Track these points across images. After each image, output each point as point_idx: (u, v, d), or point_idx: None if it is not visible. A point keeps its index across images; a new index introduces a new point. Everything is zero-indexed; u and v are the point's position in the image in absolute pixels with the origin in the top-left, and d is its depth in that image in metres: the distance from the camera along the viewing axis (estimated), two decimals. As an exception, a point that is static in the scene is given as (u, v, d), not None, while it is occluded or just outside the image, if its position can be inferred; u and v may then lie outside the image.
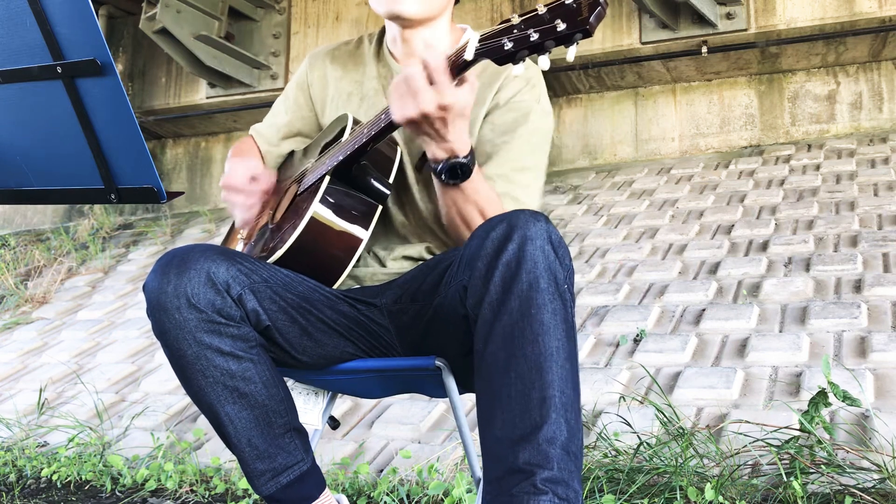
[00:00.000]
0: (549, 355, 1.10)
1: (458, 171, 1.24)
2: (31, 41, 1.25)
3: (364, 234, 1.38)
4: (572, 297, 1.17)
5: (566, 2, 1.06)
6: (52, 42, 1.23)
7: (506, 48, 1.10)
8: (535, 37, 1.08)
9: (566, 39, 1.07)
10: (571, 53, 1.08)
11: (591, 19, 1.04)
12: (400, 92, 1.18)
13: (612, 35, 5.03)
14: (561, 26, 1.06)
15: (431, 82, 1.15)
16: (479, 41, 1.12)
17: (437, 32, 1.47)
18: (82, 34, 1.21)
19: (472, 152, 1.25)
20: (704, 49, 4.84)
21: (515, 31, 1.09)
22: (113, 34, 6.36)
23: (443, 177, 1.25)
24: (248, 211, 1.48)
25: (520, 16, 1.10)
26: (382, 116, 1.30)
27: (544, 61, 1.10)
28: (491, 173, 1.37)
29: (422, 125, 1.19)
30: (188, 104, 6.08)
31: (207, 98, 5.96)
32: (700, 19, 4.75)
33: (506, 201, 1.37)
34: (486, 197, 1.31)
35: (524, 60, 1.12)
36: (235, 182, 1.47)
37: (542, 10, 1.08)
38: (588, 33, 1.05)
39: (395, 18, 1.43)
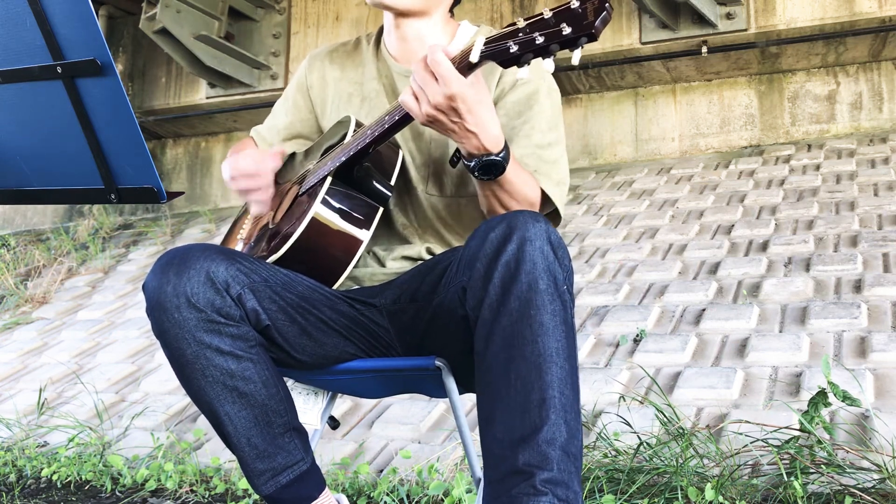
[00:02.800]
0: (548, 356, 1.10)
1: (490, 169, 1.25)
2: (31, 41, 1.25)
3: (365, 236, 1.38)
4: (572, 297, 1.17)
5: (572, 6, 1.06)
6: (52, 42, 1.23)
7: (511, 51, 1.10)
8: (540, 40, 1.08)
9: (571, 43, 1.07)
10: (576, 57, 1.08)
11: (597, 24, 1.04)
12: (412, 89, 1.19)
13: (612, 35, 5.03)
14: (566, 30, 1.06)
15: (436, 77, 1.15)
16: (485, 43, 1.13)
17: (431, 27, 1.47)
18: (82, 34, 1.20)
19: (506, 148, 1.25)
20: (704, 49, 4.83)
21: (521, 34, 1.09)
22: (113, 34, 6.36)
23: (476, 173, 1.25)
24: (265, 193, 1.44)
25: (525, 19, 1.10)
26: (386, 118, 1.30)
27: (549, 64, 1.10)
28: (516, 155, 1.38)
29: (440, 120, 1.19)
30: (188, 104, 6.08)
31: (207, 98, 5.96)
32: (700, 19, 4.75)
33: (543, 181, 1.38)
34: (524, 181, 1.31)
35: (528, 63, 1.12)
36: (247, 167, 1.43)
37: (547, 14, 1.08)
38: (593, 38, 1.06)
39: (384, 8, 1.43)
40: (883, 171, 4.20)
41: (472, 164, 1.24)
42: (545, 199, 1.39)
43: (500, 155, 1.24)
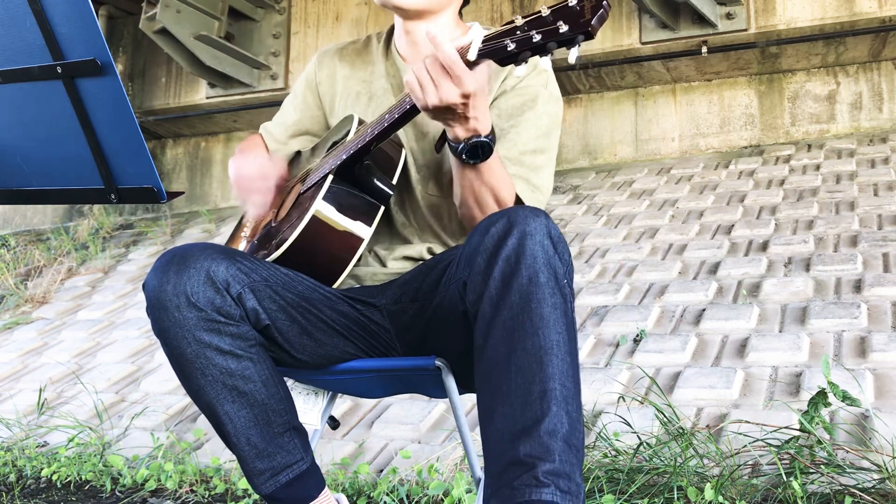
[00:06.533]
0: (549, 348, 1.10)
1: (478, 151, 1.24)
2: (31, 41, 1.25)
3: (366, 234, 1.38)
4: (572, 291, 1.17)
5: (569, 4, 1.06)
6: (52, 42, 1.23)
7: (508, 49, 1.10)
8: (537, 38, 1.08)
9: (568, 41, 1.07)
10: (573, 55, 1.08)
11: (594, 22, 1.04)
12: (422, 82, 1.18)
13: (613, 35, 5.03)
14: (563, 28, 1.06)
15: (450, 75, 1.15)
16: (483, 41, 1.13)
17: (442, 28, 1.48)
18: (82, 34, 1.21)
19: (493, 131, 1.25)
20: (704, 49, 4.84)
21: (518, 32, 1.10)
22: (113, 34, 6.36)
23: (463, 156, 1.25)
24: (262, 207, 1.46)
25: (523, 17, 1.10)
26: (386, 116, 1.30)
27: (546, 62, 1.11)
28: (501, 157, 1.38)
29: (445, 113, 1.20)
30: (188, 104, 6.08)
31: (207, 98, 5.96)
32: (700, 19, 4.75)
33: (518, 184, 1.37)
34: (501, 178, 1.31)
35: (527, 62, 1.12)
36: (250, 173, 1.45)
37: (545, 11, 1.08)
38: (590, 35, 1.06)
39: (394, 9, 1.43)
40: (883, 171, 4.20)
41: (460, 146, 1.24)
42: (517, 202, 1.38)
43: (489, 137, 1.24)
